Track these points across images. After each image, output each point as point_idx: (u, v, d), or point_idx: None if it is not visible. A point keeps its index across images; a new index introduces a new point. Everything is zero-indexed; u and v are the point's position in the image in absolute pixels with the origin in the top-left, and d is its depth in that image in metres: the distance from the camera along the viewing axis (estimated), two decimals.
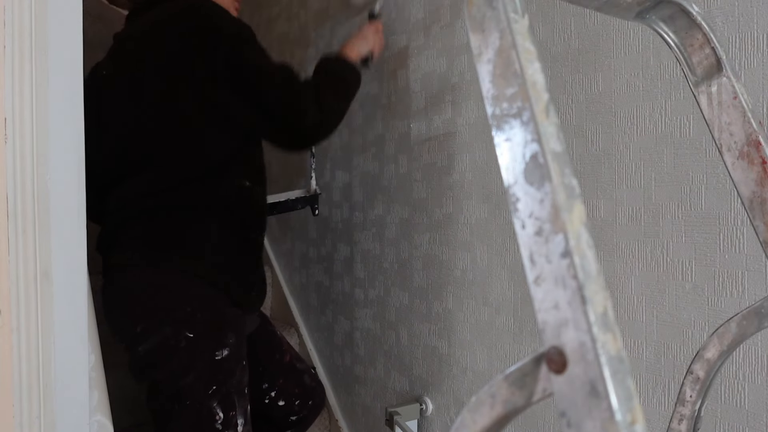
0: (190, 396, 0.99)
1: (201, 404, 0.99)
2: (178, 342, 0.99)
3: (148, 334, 1.00)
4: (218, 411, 0.99)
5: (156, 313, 1.01)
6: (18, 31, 0.69)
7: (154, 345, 0.99)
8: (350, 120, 1.59)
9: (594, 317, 0.20)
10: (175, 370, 0.99)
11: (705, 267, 0.75)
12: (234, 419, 1.01)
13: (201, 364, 1.00)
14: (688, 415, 0.44)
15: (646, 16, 0.39)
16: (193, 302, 1.02)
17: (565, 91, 0.93)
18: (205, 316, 1.02)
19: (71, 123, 0.76)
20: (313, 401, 1.30)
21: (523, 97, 0.23)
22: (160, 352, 1.00)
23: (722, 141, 0.40)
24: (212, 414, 0.99)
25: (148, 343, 1.00)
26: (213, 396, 1.00)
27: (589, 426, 0.19)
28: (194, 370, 0.99)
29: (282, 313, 2.03)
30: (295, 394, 1.27)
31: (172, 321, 1.00)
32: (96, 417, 0.82)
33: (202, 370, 1.00)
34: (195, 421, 0.99)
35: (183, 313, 1.01)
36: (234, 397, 1.02)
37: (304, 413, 1.28)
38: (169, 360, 0.99)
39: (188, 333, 0.99)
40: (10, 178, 0.68)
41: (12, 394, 0.69)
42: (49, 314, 0.72)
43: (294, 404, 1.26)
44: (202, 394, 0.99)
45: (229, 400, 1.01)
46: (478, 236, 1.13)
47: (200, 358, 1.00)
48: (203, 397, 0.99)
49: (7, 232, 0.68)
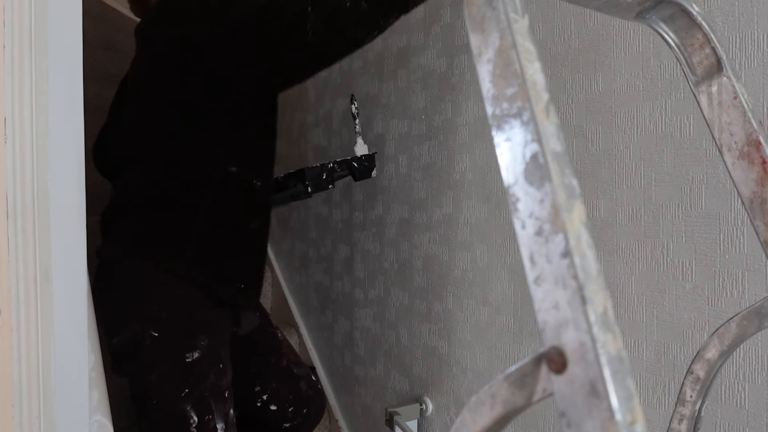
0: (156, 395, 0.99)
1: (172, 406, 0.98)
2: (143, 339, 0.99)
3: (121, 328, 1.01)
4: (192, 414, 0.98)
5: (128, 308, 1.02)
6: (18, 31, 0.69)
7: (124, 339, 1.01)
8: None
9: (594, 317, 0.20)
10: (140, 367, 1.00)
11: (705, 267, 0.75)
12: (211, 423, 1.00)
13: (166, 364, 1.00)
14: (688, 415, 0.44)
15: (646, 16, 0.39)
16: (162, 302, 1.02)
17: (565, 91, 0.93)
18: (172, 317, 1.01)
19: (71, 123, 0.76)
20: (308, 410, 1.26)
21: (523, 97, 0.23)
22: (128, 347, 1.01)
23: (722, 141, 0.40)
24: (186, 417, 0.97)
25: (120, 336, 1.01)
26: (185, 399, 0.98)
27: (589, 426, 0.19)
28: (158, 369, 0.99)
29: (282, 313, 2.03)
30: (288, 400, 1.23)
31: (140, 318, 1.01)
32: (96, 417, 0.82)
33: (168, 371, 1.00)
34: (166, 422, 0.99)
35: (150, 312, 1.01)
36: (210, 401, 1.00)
37: (298, 421, 1.25)
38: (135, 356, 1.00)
39: (153, 332, 1.00)
40: (10, 178, 0.68)
41: (12, 394, 0.69)
42: (49, 314, 0.72)
43: (287, 410, 1.23)
44: (172, 396, 0.98)
45: (203, 403, 1.00)
46: (478, 236, 1.13)
47: (165, 357, 1.00)
48: (174, 400, 0.98)
49: (7, 232, 0.68)
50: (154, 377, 0.99)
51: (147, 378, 0.99)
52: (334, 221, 1.70)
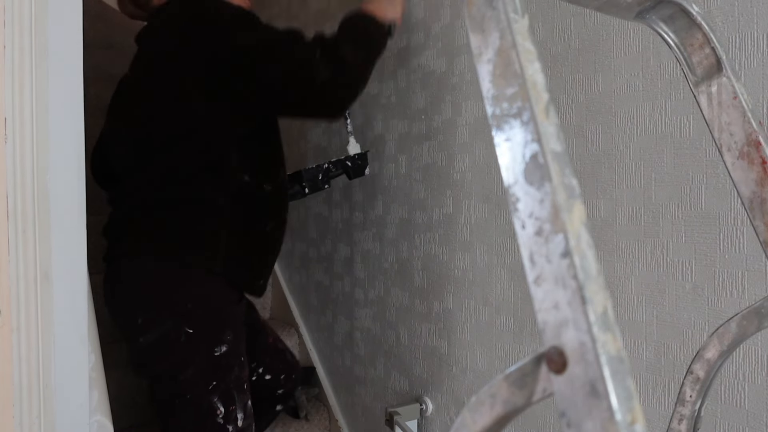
0: (190, 390, 1.02)
1: (202, 399, 1.02)
2: (178, 336, 1.01)
3: (149, 327, 1.02)
4: (219, 406, 1.03)
5: (158, 306, 1.03)
6: (18, 31, 0.69)
7: (155, 338, 1.02)
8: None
9: (594, 317, 0.20)
10: (175, 364, 1.02)
11: (705, 267, 0.75)
12: (234, 413, 1.05)
13: (200, 359, 1.03)
14: (688, 415, 0.44)
15: (646, 16, 0.39)
16: (194, 299, 1.04)
17: (565, 91, 0.93)
18: (204, 313, 1.04)
19: (71, 123, 0.76)
20: (295, 375, 1.40)
21: (523, 97, 0.23)
22: (161, 346, 1.02)
23: (722, 141, 0.40)
24: (213, 409, 1.02)
25: (149, 335, 1.02)
26: (213, 391, 1.02)
27: (589, 426, 0.19)
28: (193, 365, 1.02)
29: (282, 313, 2.03)
30: (279, 369, 1.35)
31: (172, 315, 1.02)
32: (96, 417, 0.82)
33: (201, 366, 1.02)
34: (197, 415, 1.02)
35: (183, 309, 1.03)
36: (233, 392, 1.05)
37: (289, 386, 1.38)
38: (169, 354, 1.02)
39: (188, 329, 1.02)
40: (10, 178, 0.68)
41: (12, 394, 0.69)
42: (49, 314, 0.73)
43: (280, 378, 1.35)
44: (202, 389, 1.02)
45: (228, 395, 1.05)
46: (478, 236, 1.13)
47: (199, 353, 1.03)
48: (204, 392, 1.02)
49: (7, 232, 0.68)
50: (190, 372, 1.02)
51: (183, 374, 1.02)
52: (334, 221, 1.70)
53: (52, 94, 0.73)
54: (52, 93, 0.73)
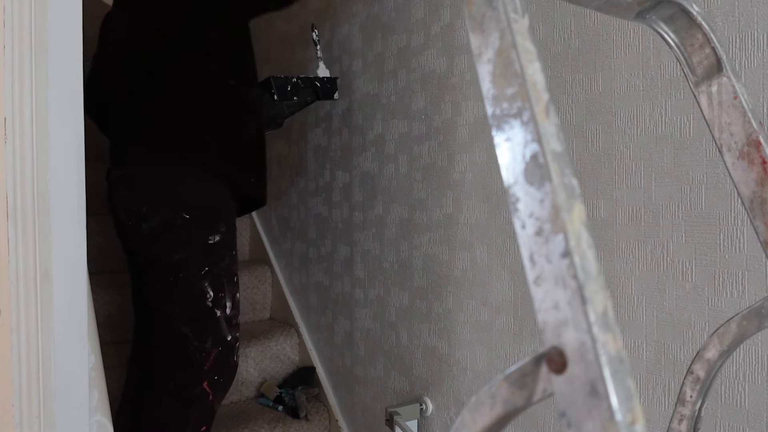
0: (183, 269, 1.17)
1: (194, 280, 1.17)
2: (176, 220, 1.17)
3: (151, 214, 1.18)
4: (209, 290, 1.18)
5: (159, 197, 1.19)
6: (18, 31, 0.69)
7: (155, 223, 1.18)
8: (350, 120, 1.59)
9: (594, 317, 0.20)
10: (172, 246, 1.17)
11: (705, 267, 0.75)
12: (223, 300, 1.20)
13: (194, 242, 1.18)
14: (688, 415, 0.44)
15: (646, 16, 0.39)
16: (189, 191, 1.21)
17: (565, 91, 0.93)
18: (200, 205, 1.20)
19: (71, 123, 0.76)
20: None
21: (523, 97, 0.23)
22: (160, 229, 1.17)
23: (722, 141, 0.40)
24: (204, 292, 1.17)
25: (151, 221, 1.18)
26: (205, 276, 1.18)
27: (589, 426, 0.19)
28: (188, 247, 1.17)
29: (282, 313, 2.03)
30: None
31: (171, 204, 1.18)
32: (96, 417, 0.82)
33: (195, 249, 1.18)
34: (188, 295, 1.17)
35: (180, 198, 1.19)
36: (223, 280, 1.20)
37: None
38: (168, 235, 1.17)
39: (185, 214, 1.17)
40: (10, 178, 0.68)
41: (12, 394, 0.69)
42: (49, 314, 0.73)
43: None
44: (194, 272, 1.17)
45: (218, 281, 1.19)
46: (478, 236, 1.13)
47: (194, 237, 1.18)
48: (196, 275, 1.17)
49: (7, 232, 0.68)
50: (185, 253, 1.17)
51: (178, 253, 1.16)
52: (334, 221, 1.70)
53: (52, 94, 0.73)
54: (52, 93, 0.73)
